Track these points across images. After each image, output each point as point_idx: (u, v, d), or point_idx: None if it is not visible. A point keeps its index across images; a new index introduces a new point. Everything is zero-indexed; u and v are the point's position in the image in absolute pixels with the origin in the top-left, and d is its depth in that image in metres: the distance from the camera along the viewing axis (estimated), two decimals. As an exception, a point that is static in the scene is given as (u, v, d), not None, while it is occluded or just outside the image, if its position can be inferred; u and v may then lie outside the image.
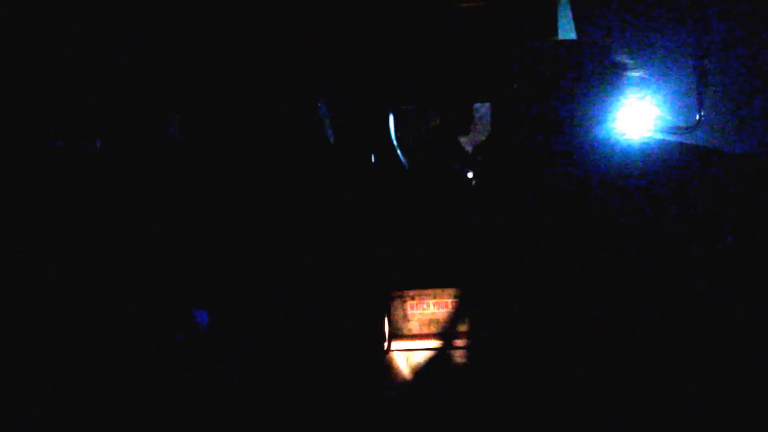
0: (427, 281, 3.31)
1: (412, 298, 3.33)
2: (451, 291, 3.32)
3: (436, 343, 3.22)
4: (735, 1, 3.12)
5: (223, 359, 3.06)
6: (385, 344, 3.19)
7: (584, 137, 3.10)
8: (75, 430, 2.85)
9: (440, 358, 3.21)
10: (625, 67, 2.98)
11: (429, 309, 3.34)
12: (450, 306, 3.33)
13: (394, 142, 3.42)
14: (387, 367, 3.20)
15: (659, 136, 3.32)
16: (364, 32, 3.17)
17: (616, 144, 3.13)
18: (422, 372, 3.20)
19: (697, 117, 3.23)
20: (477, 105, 3.63)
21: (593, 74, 2.94)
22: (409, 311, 3.34)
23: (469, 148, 3.51)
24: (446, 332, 3.32)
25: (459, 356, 3.21)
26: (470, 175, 3.41)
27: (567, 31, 3.23)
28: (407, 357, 3.20)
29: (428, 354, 3.21)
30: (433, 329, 3.33)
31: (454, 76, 3.66)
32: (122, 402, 2.89)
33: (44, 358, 2.87)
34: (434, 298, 3.33)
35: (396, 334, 3.28)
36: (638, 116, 3.27)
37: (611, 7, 3.21)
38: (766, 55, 3.11)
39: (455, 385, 3.18)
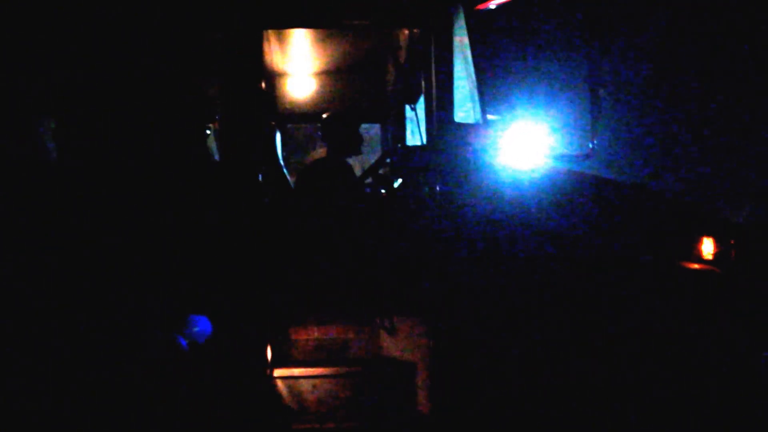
0: (312, 306, 3.21)
1: (296, 324, 3.23)
2: (337, 316, 3.23)
3: (320, 370, 3.12)
4: (629, 34, 3.11)
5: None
6: (268, 371, 3.08)
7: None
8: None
9: (324, 385, 3.12)
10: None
11: (314, 335, 3.25)
12: (335, 332, 3.24)
13: (281, 161, 3.30)
14: (269, 395, 3.09)
15: (554, 164, 3.30)
16: (250, 51, 3.00)
17: (509, 172, 3.10)
18: (305, 400, 3.11)
19: (590, 146, 3.21)
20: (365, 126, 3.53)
21: None
22: (293, 337, 3.24)
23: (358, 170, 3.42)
24: (331, 359, 3.23)
25: (344, 383, 3.13)
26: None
27: (462, 47, 3.14)
28: (290, 384, 3.10)
29: (312, 381, 3.11)
30: (318, 356, 3.25)
31: (342, 97, 3.57)
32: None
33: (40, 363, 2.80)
34: (319, 324, 3.24)
35: (279, 361, 3.18)
36: (534, 145, 3.24)
37: (509, 32, 3.14)
38: (654, 86, 3.11)
39: (339, 414, 3.10)
